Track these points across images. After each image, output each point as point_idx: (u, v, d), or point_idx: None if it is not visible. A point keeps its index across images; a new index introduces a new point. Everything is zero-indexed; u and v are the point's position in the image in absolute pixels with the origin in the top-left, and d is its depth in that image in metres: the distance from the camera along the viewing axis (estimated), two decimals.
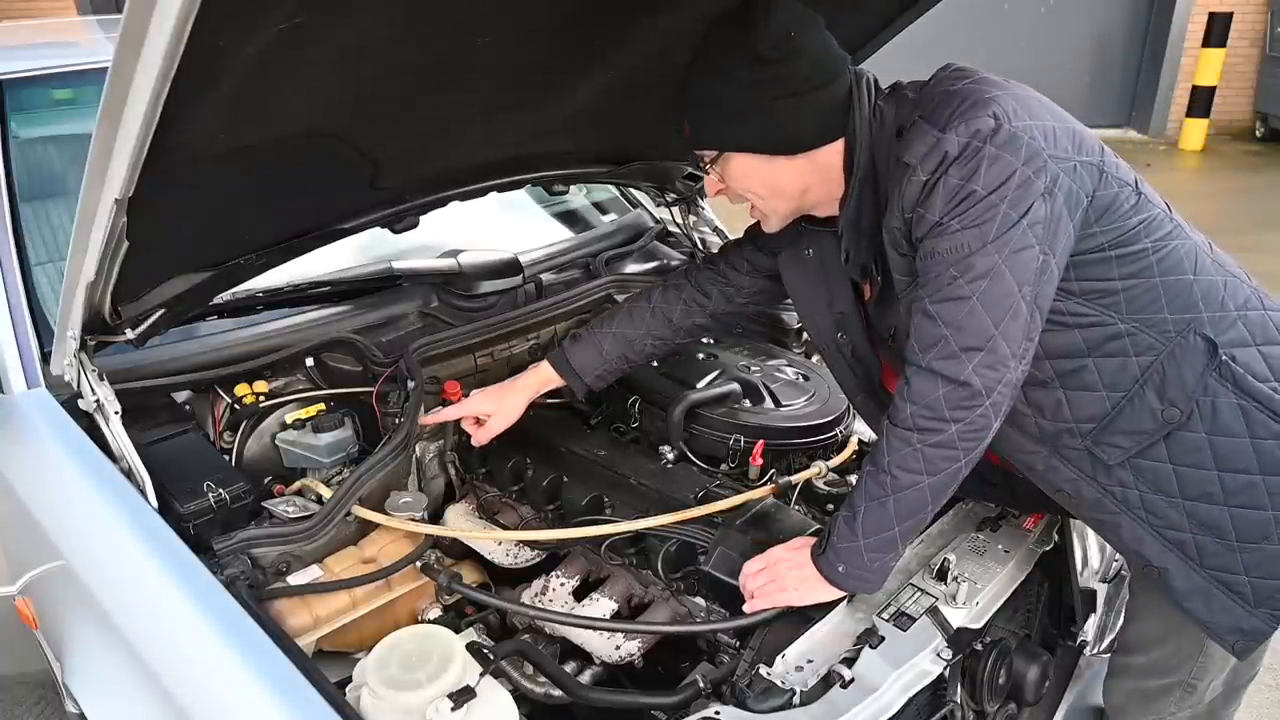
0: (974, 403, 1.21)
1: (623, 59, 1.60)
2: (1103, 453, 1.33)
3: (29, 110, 2.07)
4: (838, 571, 1.32)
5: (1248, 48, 9.19)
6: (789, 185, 1.37)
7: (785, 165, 1.34)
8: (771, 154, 1.33)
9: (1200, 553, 1.33)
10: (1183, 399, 1.27)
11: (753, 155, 1.34)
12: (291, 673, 1.16)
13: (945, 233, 1.21)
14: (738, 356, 1.95)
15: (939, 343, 1.22)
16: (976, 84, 1.25)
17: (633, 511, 1.57)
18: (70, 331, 1.44)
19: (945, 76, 1.30)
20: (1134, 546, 1.38)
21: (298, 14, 1.04)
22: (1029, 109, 1.23)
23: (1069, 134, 1.25)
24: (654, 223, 2.70)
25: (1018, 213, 1.18)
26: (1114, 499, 1.36)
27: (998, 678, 1.45)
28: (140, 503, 1.42)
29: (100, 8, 7.20)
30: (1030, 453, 1.40)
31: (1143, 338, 1.28)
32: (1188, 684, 1.48)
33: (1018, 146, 1.18)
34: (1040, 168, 1.19)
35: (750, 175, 1.36)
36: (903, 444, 1.25)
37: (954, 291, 1.21)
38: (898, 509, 1.27)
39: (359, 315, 2.00)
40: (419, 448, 1.79)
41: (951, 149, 1.20)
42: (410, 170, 1.74)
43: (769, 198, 1.39)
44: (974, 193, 1.18)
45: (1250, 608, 1.33)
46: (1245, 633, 1.35)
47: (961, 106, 1.22)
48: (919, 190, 1.23)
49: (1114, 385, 1.30)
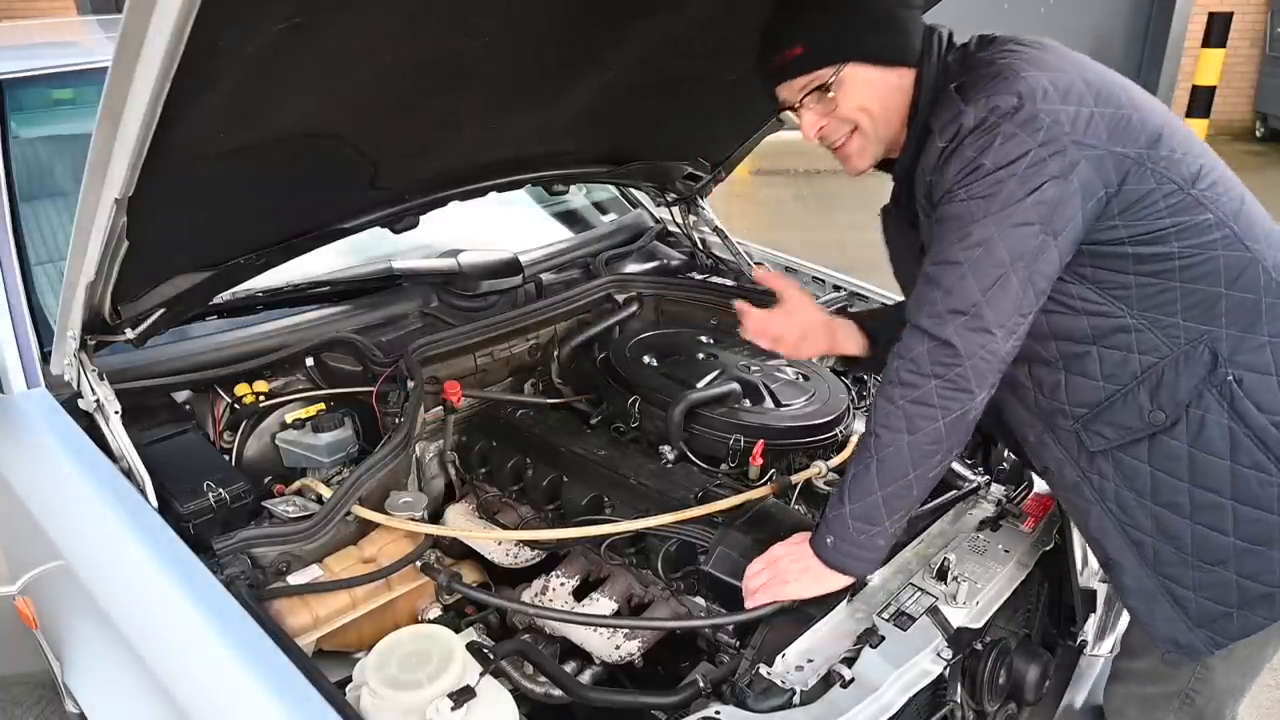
0: (954, 361, 1.23)
1: (623, 59, 1.60)
2: (1089, 439, 1.35)
3: (29, 110, 2.07)
4: (827, 545, 1.33)
5: (1248, 48, 9.19)
6: (896, 106, 1.36)
7: (895, 82, 1.34)
8: (892, 65, 1.33)
9: (1156, 558, 1.34)
10: (1170, 405, 1.28)
11: (874, 67, 1.33)
12: (291, 673, 1.16)
13: (953, 200, 1.24)
14: (738, 356, 1.95)
15: (931, 303, 1.25)
16: (1021, 60, 1.26)
17: (633, 511, 1.57)
18: (70, 331, 1.44)
19: (998, 47, 1.32)
20: (1098, 536, 1.40)
21: (298, 14, 1.04)
22: (1066, 92, 1.22)
23: (1111, 121, 1.23)
24: (654, 223, 2.70)
25: (1024, 190, 1.19)
26: (1091, 486, 1.38)
27: (998, 678, 1.45)
28: (140, 502, 1.42)
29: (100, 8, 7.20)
30: (1027, 424, 1.44)
31: (1149, 337, 1.28)
32: (1186, 695, 1.48)
33: (1036, 128, 1.19)
34: (1058, 151, 1.19)
35: (869, 91, 1.34)
36: (887, 402, 1.28)
37: (950, 256, 1.24)
38: (880, 471, 1.29)
39: (359, 315, 2.00)
40: (419, 448, 1.79)
41: (968, 122, 1.22)
42: (410, 170, 1.74)
43: (879, 118, 1.37)
44: (982, 166, 1.21)
45: (1191, 625, 1.34)
46: (1180, 647, 1.36)
47: (993, 82, 1.24)
48: (936, 157, 1.26)
49: (1111, 377, 1.32)
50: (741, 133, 2.26)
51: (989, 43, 1.34)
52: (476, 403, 1.91)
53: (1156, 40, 9.26)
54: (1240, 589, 1.31)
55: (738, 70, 1.83)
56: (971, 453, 1.83)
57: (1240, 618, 1.33)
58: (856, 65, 1.33)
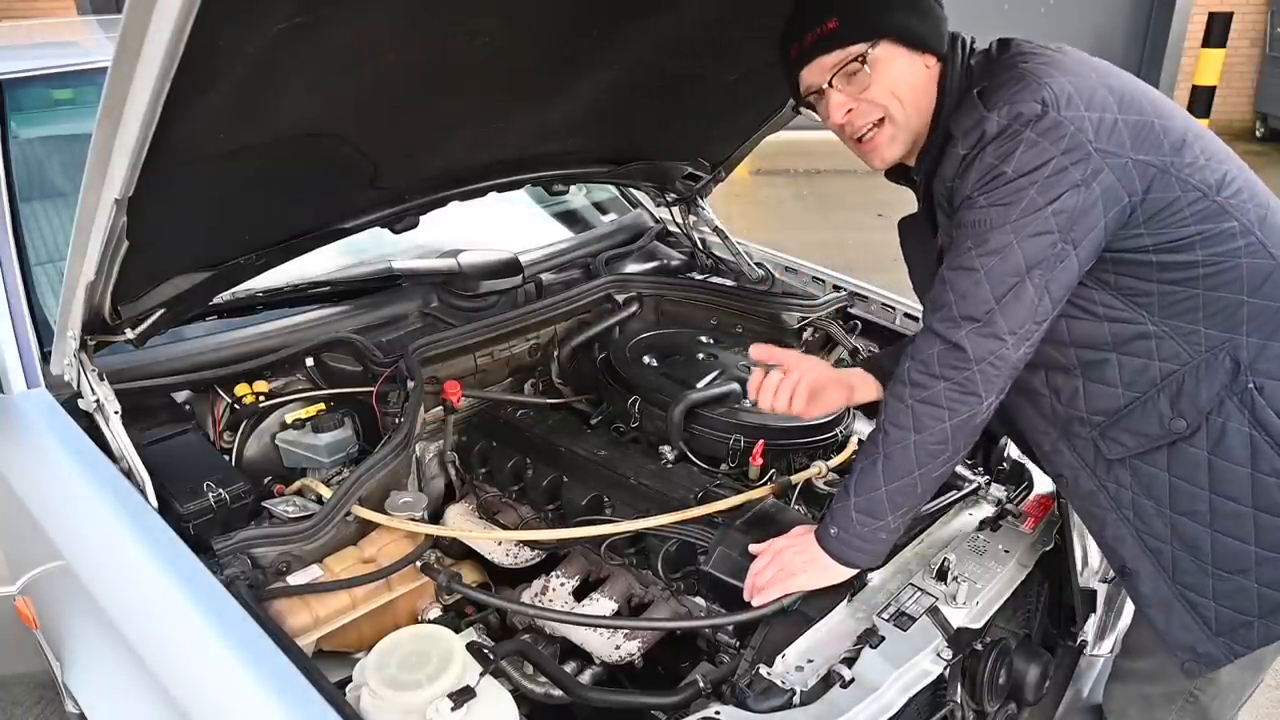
0: (963, 364, 1.23)
1: (623, 59, 1.60)
2: (1106, 447, 1.34)
3: (29, 110, 2.07)
4: (830, 535, 1.34)
5: (1248, 48, 9.19)
6: (925, 96, 1.35)
7: (925, 71, 1.34)
8: (927, 50, 1.33)
9: (1174, 566, 1.34)
10: (1192, 413, 1.27)
11: (909, 51, 1.32)
12: (291, 673, 1.16)
13: (973, 206, 1.24)
14: (738, 356, 1.95)
15: (945, 307, 1.25)
16: (1042, 64, 1.25)
17: (633, 511, 1.57)
18: (70, 331, 1.44)
19: (1019, 52, 1.30)
20: (1114, 545, 1.39)
21: (298, 14, 1.04)
22: (1090, 99, 1.21)
23: (1135, 129, 1.23)
24: (654, 223, 2.70)
25: (1045, 199, 1.19)
26: (1107, 494, 1.37)
27: (998, 678, 1.45)
28: (140, 502, 1.42)
29: (100, 8, 7.21)
30: (1041, 432, 1.43)
31: (1170, 344, 1.28)
32: (1190, 694, 1.47)
33: (1060, 135, 1.19)
34: (1081, 159, 1.19)
35: (902, 73, 1.32)
36: (896, 400, 1.29)
37: (966, 262, 1.24)
38: (886, 468, 1.29)
39: (359, 315, 2.00)
40: (419, 448, 1.79)
41: (990, 129, 1.22)
42: (410, 170, 1.74)
43: (908, 106, 1.34)
44: (1004, 174, 1.21)
45: (1210, 634, 1.33)
46: (1199, 656, 1.35)
47: (1015, 88, 1.23)
48: (957, 163, 1.26)
49: (1131, 384, 1.31)
50: (741, 133, 2.26)
51: (1008, 46, 1.33)
52: (476, 403, 1.91)
53: (1156, 40, 9.27)
54: (1261, 597, 1.30)
55: (738, 70, 1.83)
56: (971, 453, 1.83)
57: (1261, 627, 1.32)
58: (891, 44, 1.31)
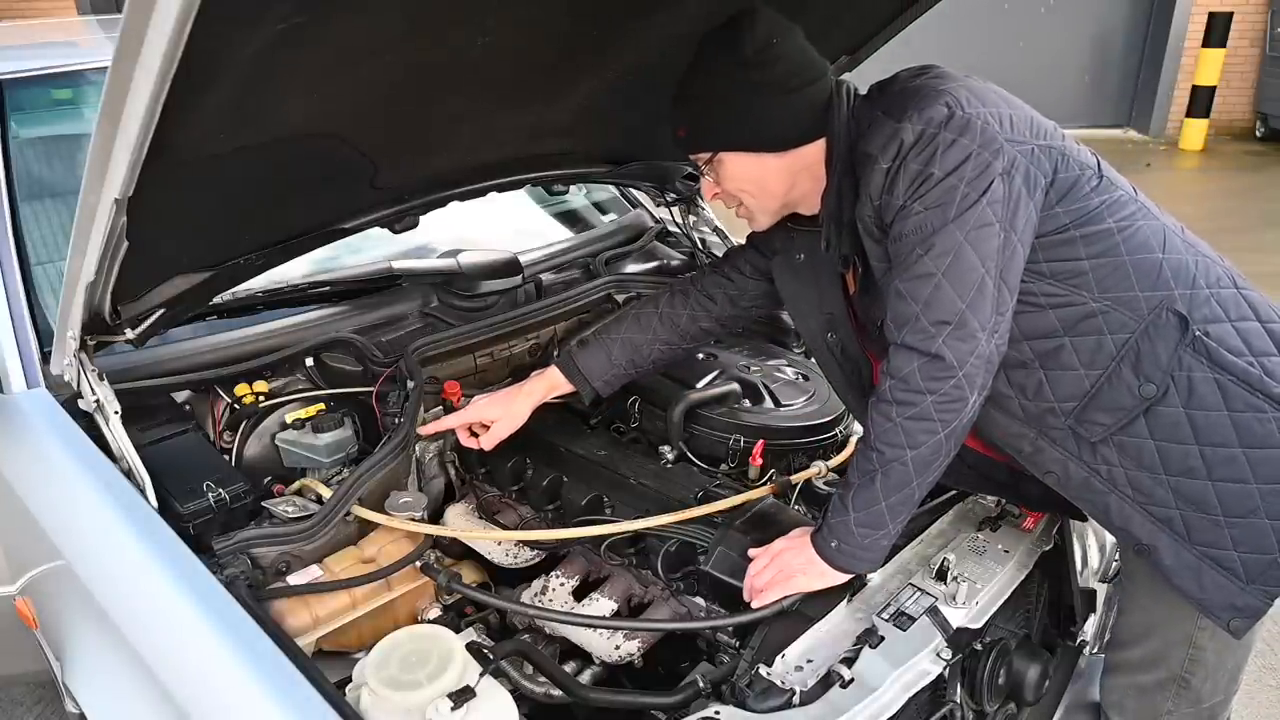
0: (946, 374, 1.25)
1: (622, 59, 1.60)
2: (1085, 430, 1.35)
3: (29, 110, 2.07)
4: (831, 548, 1.34)
5: (1248, 48, 9.19)
6: (777, 183, 1.43)
7: (773, 164, 1.41)
8: (761, 152, 1.40)
9: (1189, 529, 1.34)
10: (1158, 374, 1.30)
11: (744, 154, 1.41)
12: (291, 673, 1.16)
13: (909, 215, 1.27)
14: (738, 356, 1.95)
15: (912, 320, 1.27)
16: (933, 79, 1.34)
17: (633, 511, 1.57)
18: (70, 331, 1.44)
19: (905, 75, 1.38)
20: (1123, 525, 1.39)
21: (297, 14, 1.04)
22: (983, 98, 1.30)
23: (1026, 121, 1.31)
24: (654, 223, 2.70)
25: (976, 192, 1.24)
26: (1101, 477, 1.37)
27: (997, 678, 1.46)
28: (140, 503, 1.41)
29: (100, 8, 7.21)
30: (1017, 435, 1.43)
31: (1116, 316, 1.31)
32: (1181, 679, 1.48)
33: (973, 131, 1.25)
34: (997, 150, 1.25)
35: (742, 174, 1.43)
36: (884, 419, 1.30)
37: (920, 269, 1.27)
38: (884, 484, 1.30)
39: (359, 315, 2.00)
40: (419, 448, 1.79)
41: (908, 137, 1.27)
42: (410, 170, 1.74)
43: (759, 196, 1.46)
44: (932, 175, 1.25)
45: (1243, 584, 1.33)
46: (1240, 610, 1.35)
47: (916, 99, 1.29)
48: (882, 178, 1.30)
49: (1091, 364, 1.33)
50: None
51: (891, 81, 1.40)
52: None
53: (1156, 40, 9.28)
54: (1277, 531, 1.31)
55: None
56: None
57: None
58: (729, 152, 1.40)
